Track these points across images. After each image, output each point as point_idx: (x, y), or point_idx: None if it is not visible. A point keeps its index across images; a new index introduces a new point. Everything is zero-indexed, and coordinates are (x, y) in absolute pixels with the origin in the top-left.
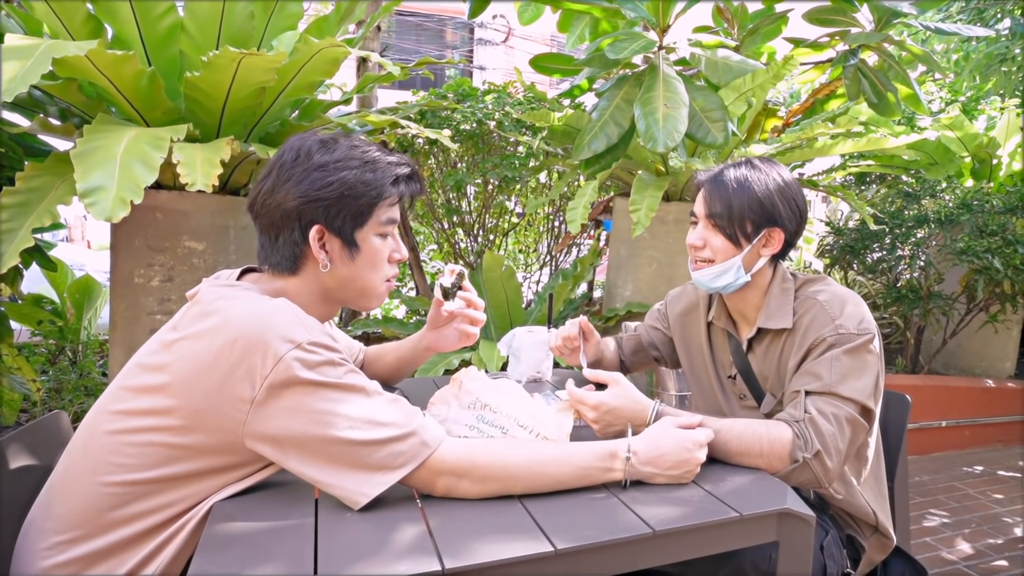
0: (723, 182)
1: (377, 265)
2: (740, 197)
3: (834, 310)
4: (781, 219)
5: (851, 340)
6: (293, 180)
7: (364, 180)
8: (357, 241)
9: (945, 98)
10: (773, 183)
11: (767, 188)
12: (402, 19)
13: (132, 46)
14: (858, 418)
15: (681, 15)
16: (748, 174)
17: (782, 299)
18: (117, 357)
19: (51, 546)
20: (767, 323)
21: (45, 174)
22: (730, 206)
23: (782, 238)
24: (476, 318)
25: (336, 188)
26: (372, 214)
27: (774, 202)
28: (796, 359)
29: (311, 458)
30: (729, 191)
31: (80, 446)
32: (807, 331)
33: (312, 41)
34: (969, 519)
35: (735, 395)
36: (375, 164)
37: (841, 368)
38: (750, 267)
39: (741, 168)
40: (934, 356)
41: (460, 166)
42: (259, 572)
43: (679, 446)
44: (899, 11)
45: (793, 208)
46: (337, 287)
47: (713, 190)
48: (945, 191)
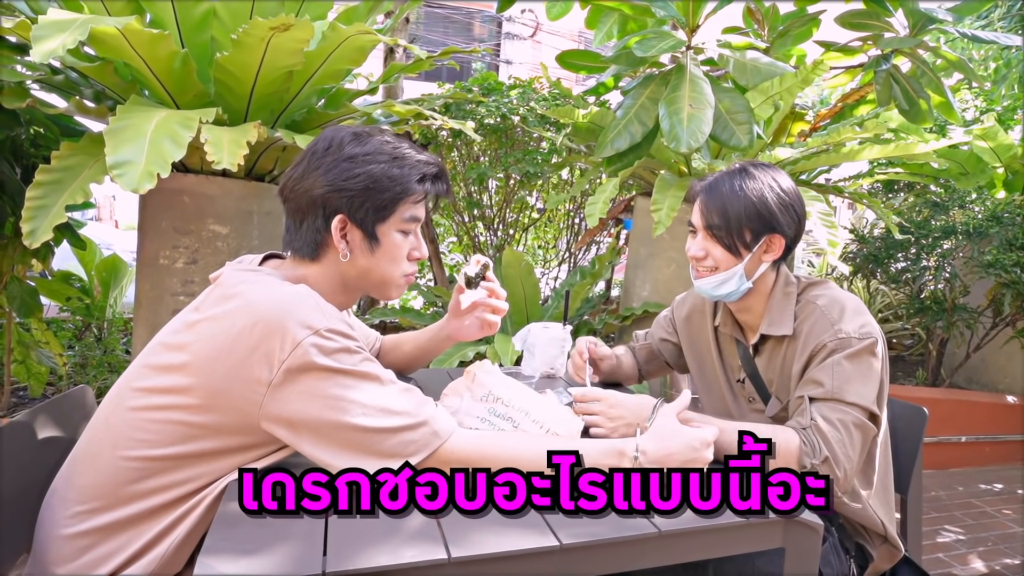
0: (719, 191)
1: (396, 260)
2: (736, 206)
3: (833, 315)
4: (780, 225)
5: (852, 345)
6: (322, 169)
7: (390, 175)
8: (378, 235)
9: (980, 107)
10: (769, 190)
11: (763, 196)
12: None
13: (168, 29)
14: (866, 422)
15: (711, 15)
16: (743, 182)
17: (784, 304)
18: (140, 335)
19: (72, 515)
20: (769, 330)
21: (79, 153)
22: (727, 216)
23: (782, 243)
24: (498, 307)
25: (362, 180)
26: (396, 210)
27: (771, 209)
28: (799, 365)
29: (324, 442)
30: (725, 201)
31: (103, 420)
32: (808, 337)
33: (341, 28)
34: (985, 537)
35: (744, 398)
36: (403, 160)
37: (843, 374)
38: (752, 274)
39: (736, 176)
40: (956, 370)
41: (483, 160)
42: (271, 550)
43: (687, 446)
44: (935, 16)
45: (791, 213)
46: (356, 277)
47: (709, 200)
48: (975, 202)
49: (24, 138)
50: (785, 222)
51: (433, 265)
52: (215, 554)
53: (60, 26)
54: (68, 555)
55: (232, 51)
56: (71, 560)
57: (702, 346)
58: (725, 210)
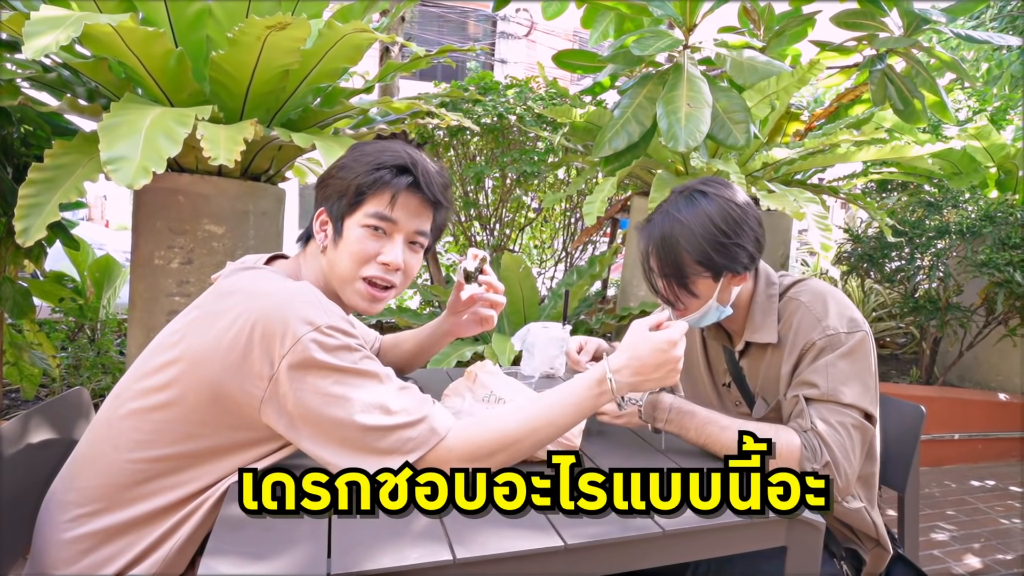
0: (666, 244)
1: (356, 257)
2: (685, 259)
3: (818, 310)
4: (734, 263)
5: (843, 342)
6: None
7: (356, 161)
8: (343, 227)
9: (973, 107)
10: (710, 237)
11: (702, 247)
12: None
13: (161, 28)
14: (864, 423)
15: (708, 15)
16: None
17: (767, 308)
18: (135, 336)
19: (72, 518)
20: (753, 337)
21: (72, 152)
22: (680, 268)
23: (747, 260)
24: (496, 301)
25: (335, 170)
26: (360, 203)
27: (720, 250)
28: (788, 366)
29: (323, 439)
30: (674, 254)
31: (104, 421)
32: (796, 336)
33: (337, 26)
34: (979, 533)
35: (731, 402)
36: (375, 152)
37: (837, 374)
38: (726, 301)
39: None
40: (949, 368)
41: (479, 159)
42: (274, 553)
43: (655, 349)
44: (929, 17)
45: (738, 248)
46: (328, 273)
47: (657, 253)
48: (968, 202)
49: (15, 137)
50: (736, 257)
51: (429, 264)
52: (218, 557)
53: (53, 23)
54: (68, 558)
55: (228, 49)
56: (71, 563)
57: (689, 351)
58: (676, 264)
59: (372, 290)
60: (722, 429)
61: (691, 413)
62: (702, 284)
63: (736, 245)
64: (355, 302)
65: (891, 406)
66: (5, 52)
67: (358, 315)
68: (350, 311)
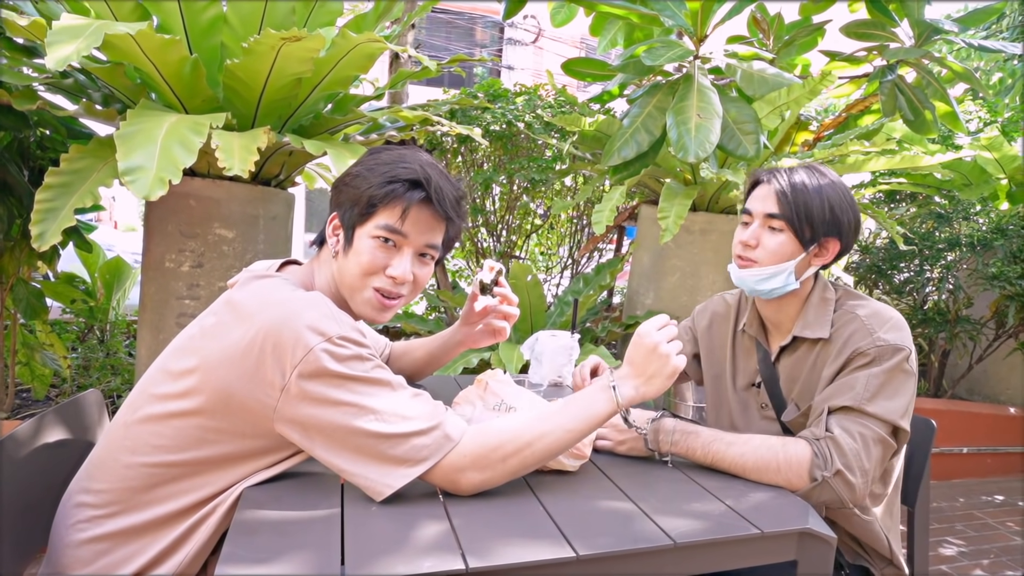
0: (795, 182)
1: (364, 267)
2: (814, 202)
3: (874, 325)
4: (844, 231)
5: (890, 356)
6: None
7: (371, 172)
8: (354, 236)
9: (984, 118)
10: (842, 196)
11: (838, 199)
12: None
13: (176, 35)
14: (887, 438)
15: (720, 25)
16: (821, 181)
17: (821, 309)
18: (145, 339)
19: (87, 519)
20: (803, 332)
21: (88, 156)
22: (797, 209)
23: (837, 249)
24: (509, 313)
25: (349, 177)
26: (372, 214)
27: (845, 211)
28: (833, 368)
29: (337, 447)
30: (800, 193)
31: (121, 425)
32: (847, 343)
33: (350, 35)
34: (988, 549)
35: (756, 404)
36: (389, 164)
37: (876, 385)
38: (800, 274)
39: (813, 173)
40: (958, 381)
41: (487, 166)
42: (289, 558)
43: (635, 345)
44: (940, 27)
45: (855, 221)
46: (339, 279)
47: (788, 190)
48: (979, 214)
49: (32, 140)
50: (847, 228)
51: (436, 270)
52: (233, 561)
53: (73, 32)
54: (84, 559)
55: (243, 58)
56: (87, 564)
57: (719, 353)
58: (795, 202)
59: (381, 299)
60: (728, 445)
61: (695, 433)
62: (799, 237)
63: (856, 214)
64: (364, 311)
65: None
66: (22, 56)
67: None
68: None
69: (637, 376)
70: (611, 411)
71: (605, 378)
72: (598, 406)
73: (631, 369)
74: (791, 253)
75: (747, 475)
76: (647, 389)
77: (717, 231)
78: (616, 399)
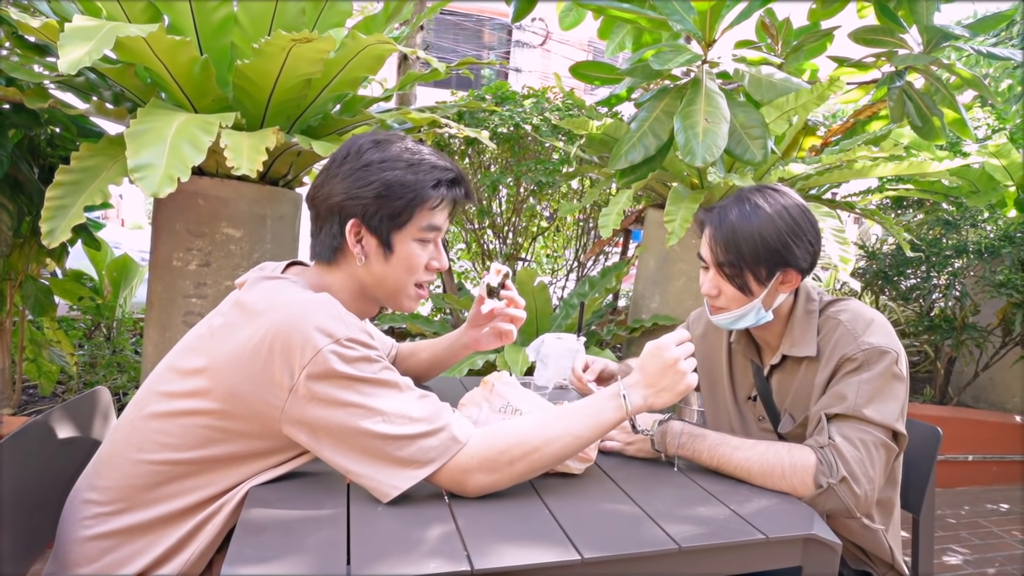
0: (728, 227)
1: (411, 269)
2: (748, 244)
3: (857, 328)
4: (794, 259)
5: (877, 360)
6: (340, 176)
7: (404, 181)
8: (393, 242)
9: (993, 125)
10: (783, 223)
11: (777, 231)
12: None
13: (186, 35)
14: (887, 442)
15: (728, 30)
16: (753, 216)
17: (806, 323)
18: (151, 337)
19: (93, 515)
20: (791, 351)
21: (98, 155)
22: (739, 254)
23: (799, 277)
24: (516, 316)
25: (375, 187)
26: (412, 217)
27: (787, 244)
28: (824, 376)
29: (344, 448)
30: (736, 237)
31: (128, 423)
32: (833, 351)
33: (360, 37)
34: (993, 558)
35: (753, 417)
36: (419, 167)
37: (868, 391)
38: (770, 305)
39: (746, 208)
40: (964, 388)
41: (494, 168)
42: (295, 558)
43: (652, 356)
44: (950, 33)
45: (805, 244)
46: (371, 284)
47: (719, 236)
48: (987, 221)
49: (42, 138)
50: (800, 255)
51: (443, 273)
52: (240, 561)
53: (86, 34)
54: (90, 556)
55: (253, 59)
56: (93, 561)
57: (715, 363)
58: (737, 248)
59: (420, 292)
60: (734, 449)
61: (702, 436)
62: (754, 278)
63: (803, 238)
64: (407, 306)
65: (906, 426)
66: (34, 55)
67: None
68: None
69: (648, 387)
70: (620, 418)
71: (615, 386)
72: (607, 413)
73: (643, 378)
74: (749, 297)
75: (752, 480)
76: (656, 400)
77: None
78: (626, 407)
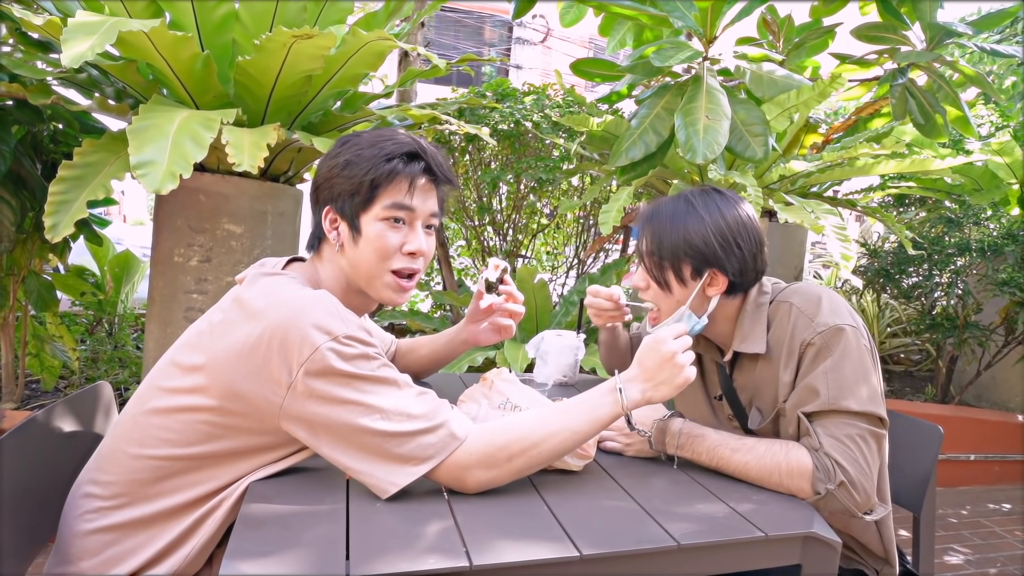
0: (659, 220)
1: (381, 252)
2: (672, 238)
3: (810, 309)
4: (718, 260)
5: (837, 339)
6: (321, 166)
7: (360, 157)
8: (360, 224)
9: (996, 122)
10: (713, 226)
11: (703, 232)
12: (441, 15)
13: (188, 31)
14: (873, 429)
15: (729, 27)
16: (684, 214)
17: (755, 317)
18: (153, 332)
19: (95, 509)
20: (742, 347)
21: (101, 150)
22: (661, 246)
23: (725, 280)
24: (515, 311)
25: (337, 168)
26: (375, 197)
27: (710, 244)
28: (789, 373)
29: (343, 445)
30: (663, 231)
31: (130, 417)
32: (791, 339)
33: (361, 33)
34: (995, 558)
35: (724, 415)
36: (378, 144)
37: (837, 379)
38: (702, 310)
39: (680, 205)
40: (966, 387)
41: (494, 165)
42: (294, 553)
43: (649, 350)
44: (953, 30)
45: (732, 248)
46: (350, 272)
47: (647, 226)
48: (990, 219)
49: (45, 134)
50: (724, 257)
51: (443, 269)
52: (239, 556)
53: (88, 29)
54: (91, 549)
55: (254, 55)
56: (94, 555)
57: None
58: (659, 240)
59: (399, 281)
60: (732, 452)
61: (701, 436)
62: (674, 274)
63: (731, 242)
64: (385, 296)
65: (907, 425)
66: (37, 51)
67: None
68: (374, 307)
69: (646, 380)
70: (616, 413)
71: (612, 380)
72: (605, 408)
73: (641, 372)
74: (679, 294)
75: (751, 482)
76: (654, 394)
77: None
78: (622, 401)
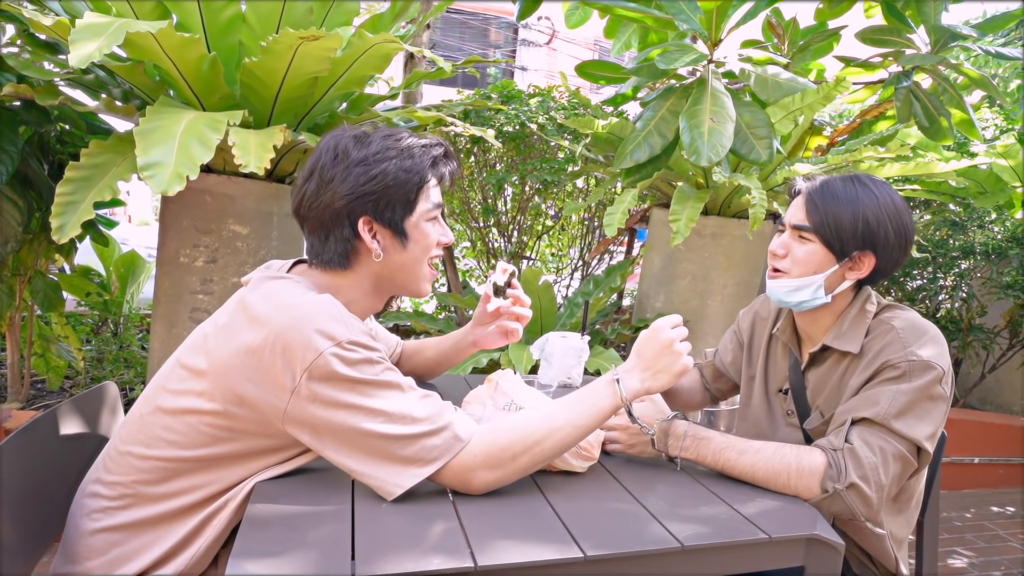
0: (831, 193)
1: (427, 250)
2: (844, 213)
3: (908, 338)
4: (880, 245)
5: (921, 374)
6: (337, 180)
7: (404, 167)
8: (407, 229)
9: (1000, 125)
10: (887, 206)
11: (880, 210)
12: (447, 16)
13: (195, 33)
14: (907, 456)
15: (735, 30)
16: (859, 190)
17: (857, 322)
18: (158, 332)
19: (101, 509)
20: (833, 342)
21: (107, 151)
22: (830, 219)
23: (872, 265)
24: (522, 314)
25: (379, 181)
26: (418, 201)
27: (883, 224)
28: (861, 379)
29: (347, 448)
30: (837, 203)
31: (137, 418)
32: (878, 354)
33: (367, 35)
34: (998, 561)
35: (782, 410)
36: (411, 151)
37: (903, 402)
38: (832, 288)
39: (853, 183)
40: (970, 390)
41: (499, 167)
42: (300, 553)
43: (647, 339)
44: (958, 33)
45: (899, 237)
46: (389, 275)
47: (818, 200)
48: (995, 222)
49: (52, 135)
50: (886, 243)
51: (447, 270)
52: (245, 556)
53: (96, 30)
54: (97, 549)
55: (261, 57)
56: (100, 554)
57: (756, 354)
58: (834, 211)
59: (433, 272)
60: (740, 454)
61: (707, 439)
62: (828, 247)
63: (900, 228)
64: (423, 288)
65: None
66: (45, 52)
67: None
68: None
69: (645, 369)
70: (615, 404)
71: (610, 372)
72: (604, 400)
73: (639, 362)
74: (820, 265)
75: (757, 484)
76: (653, 383)
77: (728, 235)
78: (620, 392)
